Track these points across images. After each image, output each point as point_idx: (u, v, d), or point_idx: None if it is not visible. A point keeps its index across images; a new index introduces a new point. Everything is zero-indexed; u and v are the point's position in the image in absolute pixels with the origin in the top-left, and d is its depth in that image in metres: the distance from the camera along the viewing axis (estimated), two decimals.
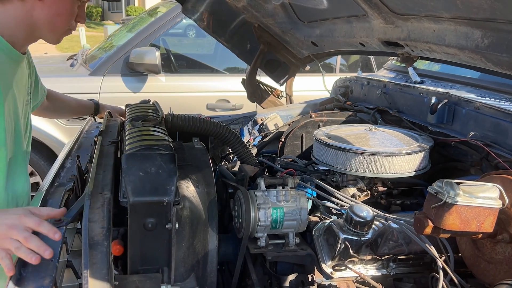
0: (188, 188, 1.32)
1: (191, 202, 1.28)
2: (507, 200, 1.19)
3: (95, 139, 1.60)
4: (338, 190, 1.67)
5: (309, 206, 1.62)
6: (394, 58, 2.78)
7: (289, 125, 2.30)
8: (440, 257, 1.30)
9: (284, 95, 2.99)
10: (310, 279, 1.34)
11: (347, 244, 1.37)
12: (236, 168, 1.97)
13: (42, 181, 1.80)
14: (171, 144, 1.28)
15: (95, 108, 2.08)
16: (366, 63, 4.87)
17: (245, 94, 2.97)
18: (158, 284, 1.08)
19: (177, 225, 1.13)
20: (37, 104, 1.82)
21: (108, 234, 1.02)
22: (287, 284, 1.38)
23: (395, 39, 1.62)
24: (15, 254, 1.05)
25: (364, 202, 1.65)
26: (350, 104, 2.51)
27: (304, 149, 2.21)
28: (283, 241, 1.42)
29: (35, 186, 3.42)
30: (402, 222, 1.39)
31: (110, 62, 3.93)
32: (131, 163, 1.14)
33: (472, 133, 1.66)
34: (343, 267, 1.38)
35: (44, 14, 1.37)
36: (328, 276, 1.38)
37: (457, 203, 1.13)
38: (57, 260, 1.08)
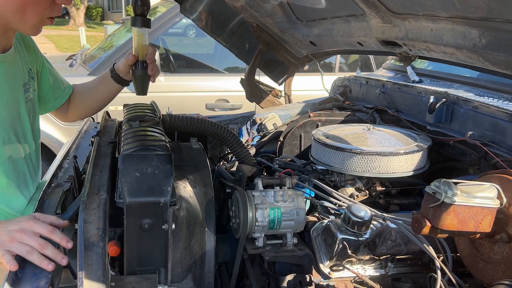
0: (185, 189, 1.32)
1: (188, 202, 1.28)
2: (505, 200, 1.18)
3: (92, 140, 1.60)
4: (336, 190, 1.67)
5: (307, 206, 1.62)
6: (393, 57, 2.77)
7: (287, 124, 2.30)
8: (438, 257, 1.29)
9: (283, 94, 2.99)
10: (308, 279, 1.34)
11: (345, 244, 1.37)
12: (234, 168, 1.96)
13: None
14: (167, 145, 1.28)
15: (116, 79, 1.68)
16: (366, 62, 4.87)
17: (244, 93, 2.97)
18: (154, 284, 1.08)
19: (173, 226, 1.13)
20: (59, 101, 1.70)
21: (104, 235, 1.02)
22: (285, 284, 1.37)
23: (393, 39, 1.62)
24: (25, 257, 1.03)
25: (362, 202, 1.65)
26: (349, 104, 2.51)
27: (302, 149, 2.21)
28: (281, 241, 1.42)
29: None
30: (400, 222, 1.38)
31: (109, 62, 3.93)
32: (127, 163, 1.14)
33: (470, 132, 1.66)
34: (341, 267, 1.38)
35: (7, 4, 1.23)
36: (326, 276, 1.38)
37: (455, 203, 1.13)
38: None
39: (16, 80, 1.44)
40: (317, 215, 1.57)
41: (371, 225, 1.40)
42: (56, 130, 3.69)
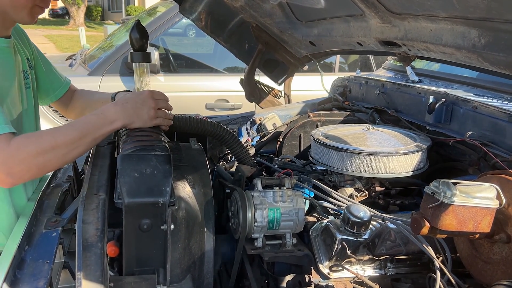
0: (184, 189, 1.32)
1: (187, 203, 1.27)
2: (504, 200, 1.18)
3: None
4: (336, 190, 1.67)
5: (307, 206, 1.62)
6: (393, 57, 2.77)
7: (287, 125, 2.30)
8: (438, 257, 1.29)
9: (283, 94, 2.99)
10: (307, 280, 1.34)
11: (344, 244, 1.37)
12: (234, 169, 1.96)
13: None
14: (166, 145, 1.28)
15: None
16: (365, 62, 4.87)
17: (244, 93, 2.97)
18: (153, 285, 1.08)
19: (172, 226, 1.13)
20: (60, 92, 1.76)
21: (103, 235, 1.02)
22: (284, 284, 1.37)
23: (392, 39, 1.62)
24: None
25: (362, 202, 1.65)
26: (348, 104, 2.51)
27: (302, 149, 2.21)
28: (280, 241, 1.42)
29: None
30: (400, 222, 1.38)
31: (109, 62, 3.93)
32: (126, 164, 1.13)
33: (470, 132, 1.66)
34: (340, 268, 1.37)
35: None
36: (325, 277, 1.38)
37: (454, 203, 1.13)
38: (52, 262, 1.08)
39: (19, 67, 1.50)
40: (317, 215, 1.57)
41: (371, 226, 1.40)
42: None
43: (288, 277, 1.37)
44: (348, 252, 1.37)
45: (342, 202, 1.60)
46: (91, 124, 1.28)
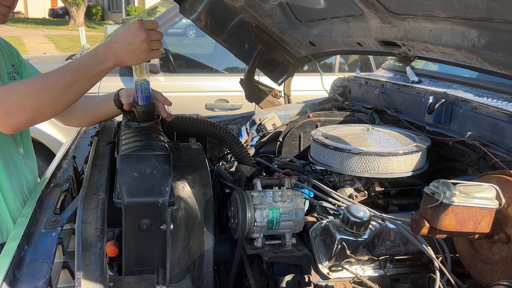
0: (184, 189, 1.32)
1: (187, 203, 1.27)
2: (503, 200, 1.18)
3: (91, 140, 1.59)
4: (335, 191, 1.67)
5: (306, 206, 1.62)
6: (393, 57, 2.77)
7: (287, 125, 2.30)
8: (437, 258, 1.29)
9: (282, 95, 2.99)
10: (307, 280, 1.34)
11: (344, 244, 1.37)
12: (233, 169, 1.96)
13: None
14: (166, 145, 1.28)
15: (117, 105, 1.64)
16: (365, 62, 4.86)
17: (244, 94, 2.97)
18: (153, 285, 1.07)
19: (172, 226, 1.13)
20: None
21: (102, 235, 1.02)
22: (283, 284, 1.37)
23: (392, 39, 1.62)
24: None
25: (361, 202, 1.65)
26: (348, 104, 2.51)
27: (302, 149, 2.21)
28: (280, 241, 1.42)
29: None
30: (399, 222, 1.38)
31: None
32: (125, 163, 1.13)
33: (469, 133, 1.66)
34: (340, 268, 1.37)
35: None
36: (324, 277, 1.38)
37: (454, 204, 1.13)
38: (52, 261, 1.08)
39: (2, 67, 1.48)
40: (316, 215, 1.57)
41: (370, 226, 1.40)
42: (55, 130, 3.69)
43: (288, 277, 1.37)
44: (348, 252, 1.37)
45: (342, 202, 1.60)
46: (82, 64, 1.28)
